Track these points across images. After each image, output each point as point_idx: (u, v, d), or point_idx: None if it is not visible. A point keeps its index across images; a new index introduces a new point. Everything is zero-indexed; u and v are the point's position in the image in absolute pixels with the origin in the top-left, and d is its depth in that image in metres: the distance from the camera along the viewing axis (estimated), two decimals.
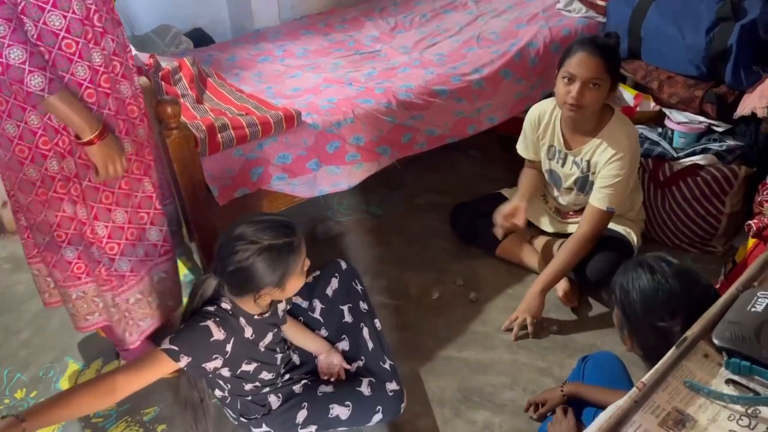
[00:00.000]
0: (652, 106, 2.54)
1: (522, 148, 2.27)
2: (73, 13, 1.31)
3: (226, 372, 1.49)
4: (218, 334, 1.41)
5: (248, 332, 1.49)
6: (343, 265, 1.86)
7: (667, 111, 2.43)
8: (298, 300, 1.82)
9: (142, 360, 1.36)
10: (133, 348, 1.82)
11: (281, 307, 1.61)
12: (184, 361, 1.36)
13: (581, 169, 2.08)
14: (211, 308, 1.44)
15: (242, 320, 1.48)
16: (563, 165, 2.13)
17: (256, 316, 1.50)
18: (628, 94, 2.61)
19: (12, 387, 1.90)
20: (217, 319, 1.42)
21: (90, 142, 1.38)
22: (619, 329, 1.35)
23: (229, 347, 1.44)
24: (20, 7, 1.25)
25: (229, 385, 1.55)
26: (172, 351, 1.35)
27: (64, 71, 1.34)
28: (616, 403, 0.90)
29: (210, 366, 1.43)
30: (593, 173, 2.05)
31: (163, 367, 1.36)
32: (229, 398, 1.59)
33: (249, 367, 1.53)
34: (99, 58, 1.39)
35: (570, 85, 1.89)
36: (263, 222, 1.41)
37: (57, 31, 1.30)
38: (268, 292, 1.43)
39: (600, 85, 1.88)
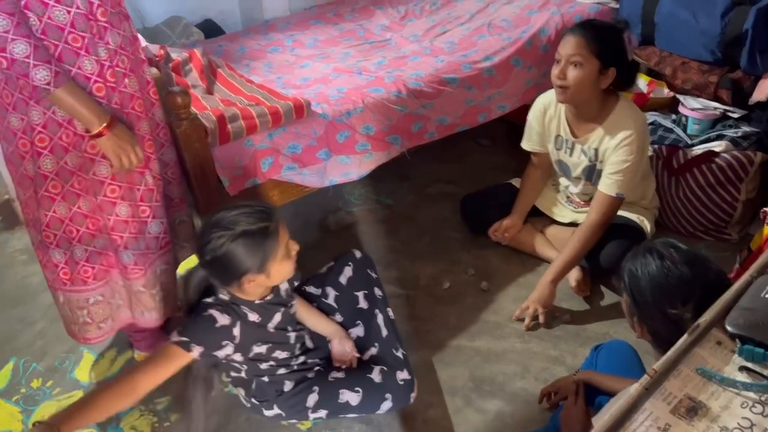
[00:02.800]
0: (666, 92, 2.51)
1: (527, 142, 2.25)
2: (77, 8, 1.31)
3: (238, 357, 1.51)
4: (223, 319, 1.43)
5: (253, 317, 1.51)
6: (358, 254, 1.87)
7: (681, 97, 2.40)
8: (311, 288, 1.84)
9: (157, 356, 1.40)
10: (147, 342, 1.84)
11: (283, 287, 1.62)
12: (197, 350, 1.39)
13: (589, 158, 2.05)
14: (209, 299, 1.47)
15: (244, 308, 1.50)
16: (571, 154, 2.11)
17: (257, 301, 1.51)
18: (641, 81, 2.58)
19: (28, 377, 1.93)
20: (219, 307, 1.45)
21: (99, 134, 1.38)
22: (629, 316, 1.34)
23: (236, 331, 1.46)
24: (23, 2, 1.24)
25: (245, 367, 1.57)
26: (183, 342, 1.39)
27: (71, 65, 1.34)
28: (627, 389, 0.90)
29: (221, 353, 1.46)
30: (601, 162, 2.03)
31: (177, 359, 1.39)
32: (246, 378, 1.61)
33: (261, 349, 1.55)
34: (104, 52, 1.39)
35: (557, 67, 1.89)
36: (239, 208, 1.41)
37: (62, 26, 1.30)
38: (252, 279, 1.42)
39: (582, 64, 1.84)
